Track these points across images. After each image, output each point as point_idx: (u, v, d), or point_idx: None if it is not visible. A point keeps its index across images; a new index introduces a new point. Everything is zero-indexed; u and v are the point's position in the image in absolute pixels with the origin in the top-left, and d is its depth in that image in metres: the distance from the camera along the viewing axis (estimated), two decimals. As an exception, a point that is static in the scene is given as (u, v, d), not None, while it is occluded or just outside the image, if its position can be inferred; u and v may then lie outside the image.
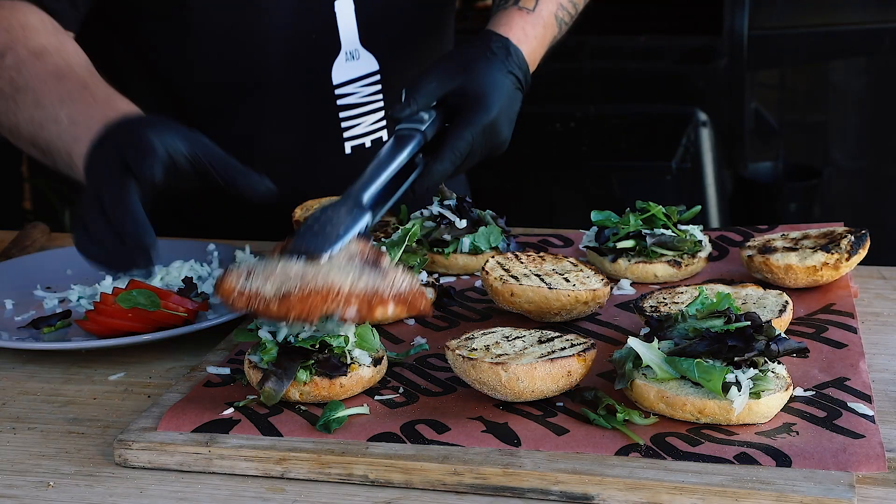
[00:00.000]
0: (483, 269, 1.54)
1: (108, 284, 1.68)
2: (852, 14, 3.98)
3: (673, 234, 1.66)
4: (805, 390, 1.29)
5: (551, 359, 1.26)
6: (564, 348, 1.29)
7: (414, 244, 1.61)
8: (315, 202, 1.84)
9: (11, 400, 1.42)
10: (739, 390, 1.20)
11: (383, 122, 1.98)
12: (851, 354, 1.38)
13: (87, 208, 1.33)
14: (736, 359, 1.22)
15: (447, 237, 1.71)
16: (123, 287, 1.59)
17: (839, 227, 1.65)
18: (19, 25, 1.66)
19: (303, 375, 1.29)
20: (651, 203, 1.68)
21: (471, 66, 1.62)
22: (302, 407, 1.30)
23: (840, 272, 1.57)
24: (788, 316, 1.42)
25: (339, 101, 1.93)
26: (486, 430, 1.23)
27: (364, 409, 1.29)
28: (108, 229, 1.32)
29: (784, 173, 4.05)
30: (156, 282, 1.68)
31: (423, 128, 1.54)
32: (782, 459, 1.15)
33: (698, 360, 1.22)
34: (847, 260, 1.56)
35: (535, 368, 1.24)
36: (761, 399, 1.21)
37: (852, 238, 1.58)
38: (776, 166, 4.08)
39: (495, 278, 1.51)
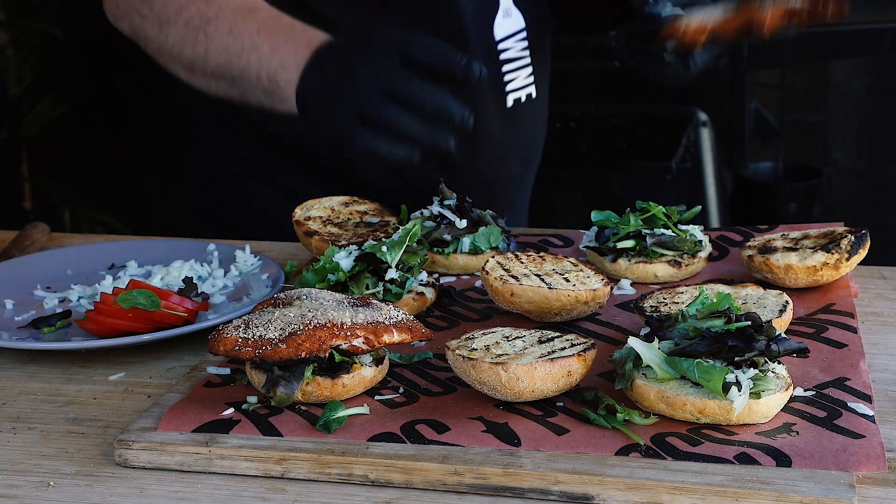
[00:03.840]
0: (483, 269, 1.54)
1: (108, 284, 1.68)
2: (852, 14, 3.97)
3: (673, 234, 1.66)
4: (805, 390, 1.29)
5: (551, 359, 1.26)
6: (564, 348, 1.29)
7: (414, 244, 1.61)
8: (315, 202, 1.84)
9: (11, 400, 1.42)
10: (740, 390, 1.20)
11: (532, 78, 2.08)
12: (851, 354, 1.38)
13: (381, 112, 1.49)
14: (736, 359, 1.22)
15: (447, 237, 1.71)
16: (123, 287, 1.59)
17: (839, 227, 1.65)
18: None
19: (305, 375, 1.30)
20: (651, 203, 1.68)
21: None
22: (302, 407, 1.30)
23: (840, 272, 1.57)
24: (788, 316, 1.42)
25: (501, 56, 2.01)
26: (487, 429, 1.23)
27: (364, 409, 1.29)
28: (418, 113, 1.48)
29: (784, 173, 4.05)
30: (156, 282, 1.69)
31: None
32: (782, 459, 1.15)
33: (698, 360, 1.22)
34: (847, 260, 1.56)
35: (535, 368, 1.24)
36: (761, 399, 1.21)
37: (852, 238, 1.58)
38: (776, 166, 4.08)
39: (495, 278, 1.51)
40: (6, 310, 1.67)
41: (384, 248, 1.56)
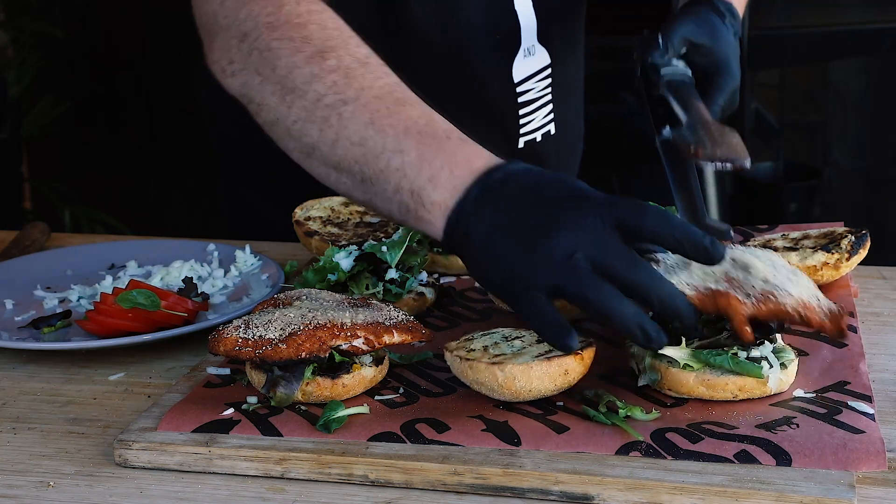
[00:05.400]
0: (483, 269, 1.54)
1: (108, 284, 1.68)
2: (852, 14, 3.98)
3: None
4: (805, 392, 1.29)
5: (548, 357, 1.26)
6: (564, 348, 1.29)
7: (414, 244, 1.61)
8: (315, 202, 1.84)
9: (11, 400, 1.42)
10: (771, 366, 1.26)
11: (552, 116, 1.95)
12: (851, 355, 1.38)
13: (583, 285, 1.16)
14: (758, 339, 1.26)
15: (447, 237, 1.71)
16: (123, 287, 1.59)
17: (839, 227, 1.65)
18: (333, 25, 1.44)
19: (305, 374, 1.30)
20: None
21: (715, 28, 1.60)
22: (302, 407, 1.30)
23: (840, 272, 1.57)
24: None
25: (520, 99, 1.89)
26: (486, 428, 1.23)
27: (364, 409, 1.29)
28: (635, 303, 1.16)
29: (784, 173, 4.05)
30: (156, 282, 1.69)
31: (690, 74, 1.49)
32: (782, 458, 1.15)
33: (732, 353, 1.26)
34: (847, 260, 1.56)
35: (531, 368, 1.24)
36: (788, 368, 1.27)
37: (852, 238, 1.58)
38: (776, 166, 4.08)
39: (495, 278, 1.51)
40: (6, 310, 1.67)
41: (384, 248, 1.56)
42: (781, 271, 1.25)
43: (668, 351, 1.26)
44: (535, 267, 1.19)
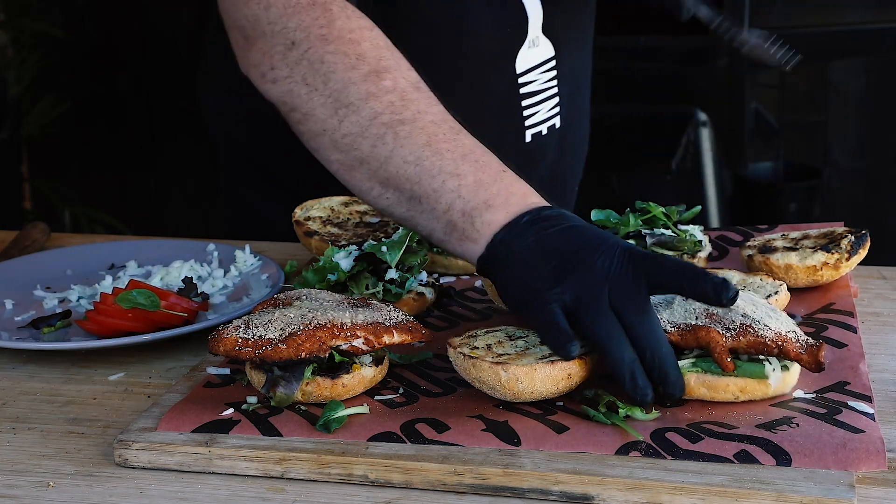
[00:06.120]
0: (483, 269, 1.54)
1: (107, 284, 1.68)
2: (852, 14, 3.98)
3: (673, 234, 1.66)
4: (805, 393, 1.29)
5: (552, 361, 1.26)
6: (565, 349, 1.29)
7: (414, 244, 1.61)
8: (315, 202, 1.84)
9: (11, 400, 1.42)
10: (773, 369, 1.26)
11: (557, 110, 1.95)
12: (851, 356, 1.38)
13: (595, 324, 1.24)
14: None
15: (447, 237, 1.71)
16: (123, 287, 1.59)
17: (839, 227, 1.65)
18: (385, 44, 1.48)
19: (305, 374, 1.30)
20: (651, 203, 1.68)
21: None
22: (302, 407, 1.30)
23: (840, 272, 1.57)
24: (784, 298, 1.47)
25: (522, 90, 1.89)
26: (486, 428, 1.23)
27: (364, 409, 1.29)
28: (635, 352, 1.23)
29: (784, 173, 4.05)
30: (156, 282, 1.69)
31: None
32: (782, 458, 1.15)
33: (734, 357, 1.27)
34: (847, 260, 1.56)
35: (535, 370, 1.24)
36: (790, 370, 1.27)
37: (852, 238, 1.58)
38: (776, 166, 4.08)
39: (495, 278, 1.51)
40: (6, 310, 1.67)
41: (384, 248, 1.56)
42: (761, 308, 1.30)
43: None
44: (561, 285, 1.26)
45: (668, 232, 1.66)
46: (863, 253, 1.58)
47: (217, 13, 1.60)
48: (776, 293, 1.47)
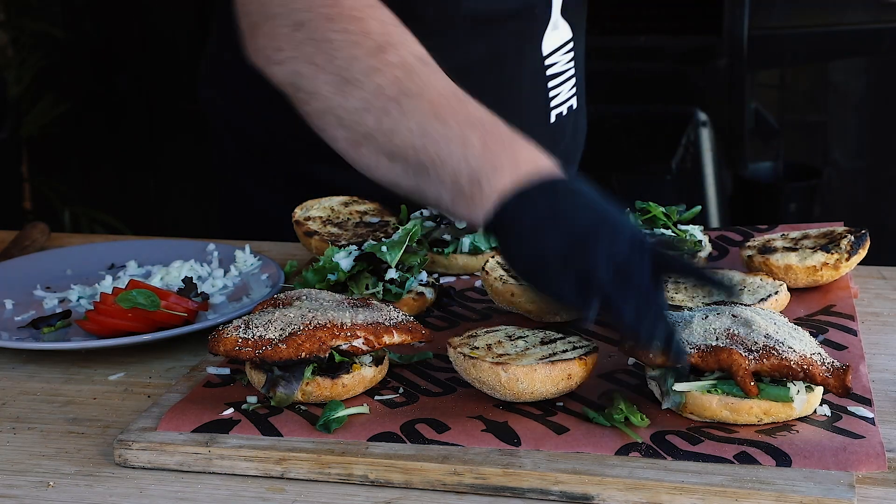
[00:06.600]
0: (483, 269, 1.54)
1: (107, 284, 1.68)
2: (852, 14, 3.98)
3: (673, 234, 1.66)
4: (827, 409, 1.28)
5: (552, 361, 1.26)
6: (566, 350, 1.29)
7: (414, 244, 1.61)
8: (315, 202, 1.84)
9: (11, 400, 1.42)
10: (798, 391, 1.22)
11: (574, 90, 2.00)
12: (851, 357, 1.38)
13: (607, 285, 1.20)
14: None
15: (447, 237, 1.71)
16: (123, 287, 1.59)
17: (839, 227, 1.65)
18: (391, 21, 1.46)
19: (305, 374, 1.30)
20: (651, 203, 1.68)
21: None
22: (302, 407, 1.30)
23: (840, 272, 1.57)
24: (784, 298, 1.47)
25: (548, 72, 1.93)
26: (486, 429, 1.23)
27: (364, 409, 1.29)
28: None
29: (784, 173, 4.05)
30: (156, 282, 1.69)
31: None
32: (782, 459, 1.15)
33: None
34: (847, 260, 1.56)
35: (535, 370, 1.24)
36: (815, 391, 1.23)
37: (852, 238, 1.58)
38: (776, 166, 4.08)
39: (496, 278, 1.51)
40: (6, 310, 1.67)
41: (384, 248, 1.56)
42: (783, 327, 1.26)
43: (688, 388, 1.22)
44: (575, 250, 1.23)
45: (668, 232, 1.66)
46: (862, 253, 1.58)
47: (221, 4, 1.59)
48: (776, 293, 1.47)
